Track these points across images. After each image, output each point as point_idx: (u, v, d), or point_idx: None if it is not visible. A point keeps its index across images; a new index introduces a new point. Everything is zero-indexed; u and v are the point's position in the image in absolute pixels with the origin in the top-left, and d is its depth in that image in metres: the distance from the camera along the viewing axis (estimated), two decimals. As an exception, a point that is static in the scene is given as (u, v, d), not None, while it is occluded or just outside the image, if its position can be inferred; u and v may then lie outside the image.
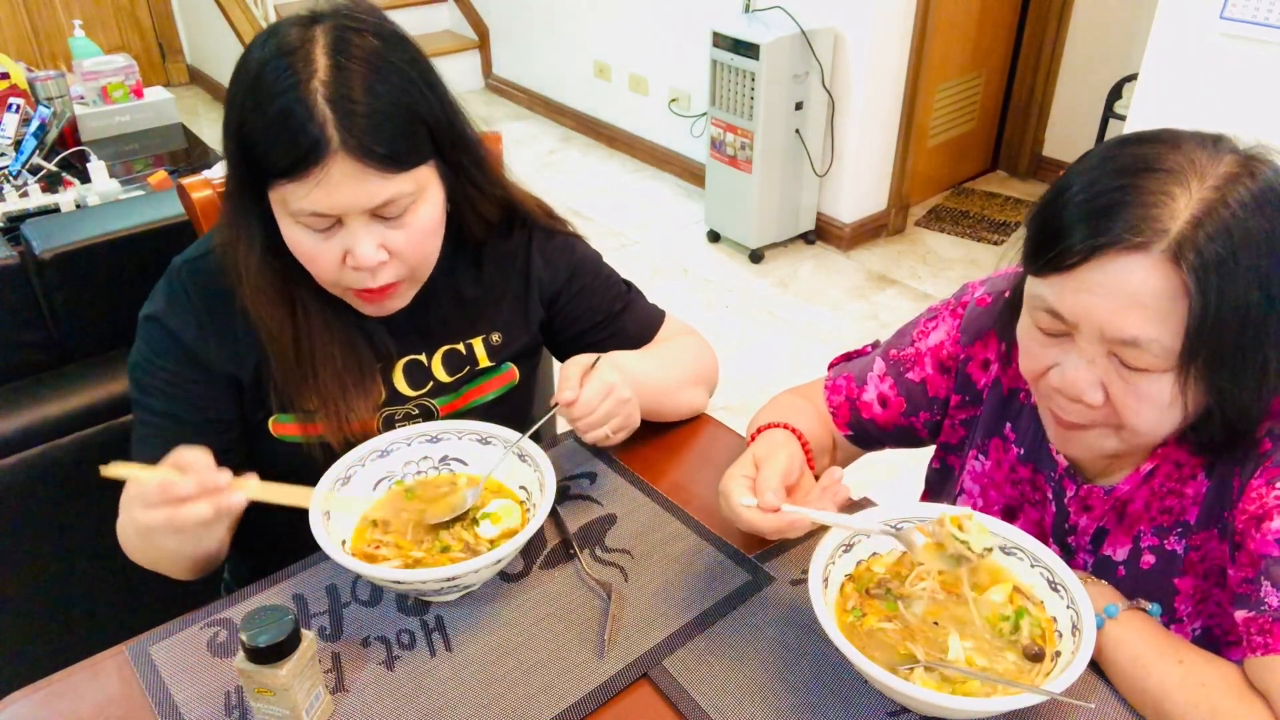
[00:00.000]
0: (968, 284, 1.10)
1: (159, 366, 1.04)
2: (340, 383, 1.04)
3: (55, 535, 1.53)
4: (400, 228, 0.96)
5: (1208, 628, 0.94)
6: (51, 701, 0.89)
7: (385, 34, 0.94)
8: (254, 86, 0.90)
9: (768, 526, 0.89)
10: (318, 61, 0.89)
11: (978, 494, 1.09)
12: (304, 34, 0.91)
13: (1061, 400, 0.85)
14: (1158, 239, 0.74)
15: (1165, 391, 0.79)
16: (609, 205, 4.19)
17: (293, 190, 0.90)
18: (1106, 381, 0.81)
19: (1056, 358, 0.84)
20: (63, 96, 2.78)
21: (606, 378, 1.02)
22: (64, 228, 1.59)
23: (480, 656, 0.91)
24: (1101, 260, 0.76)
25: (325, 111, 0.88)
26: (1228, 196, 0.74)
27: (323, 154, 0.88)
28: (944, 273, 3.63)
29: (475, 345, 1.15)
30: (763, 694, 0.87)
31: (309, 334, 1.02)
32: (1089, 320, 0.79)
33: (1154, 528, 0.93)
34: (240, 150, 0.93)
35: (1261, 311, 0.75)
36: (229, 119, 0.94)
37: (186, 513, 0.84)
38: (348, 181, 0.90)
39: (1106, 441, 0.87)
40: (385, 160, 0.90)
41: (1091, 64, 3.96)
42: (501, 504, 1.01)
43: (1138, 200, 0.75)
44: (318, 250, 0.95)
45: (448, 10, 5.51)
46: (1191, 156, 0.76)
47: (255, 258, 0.99)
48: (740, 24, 3.42)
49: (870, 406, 1.13)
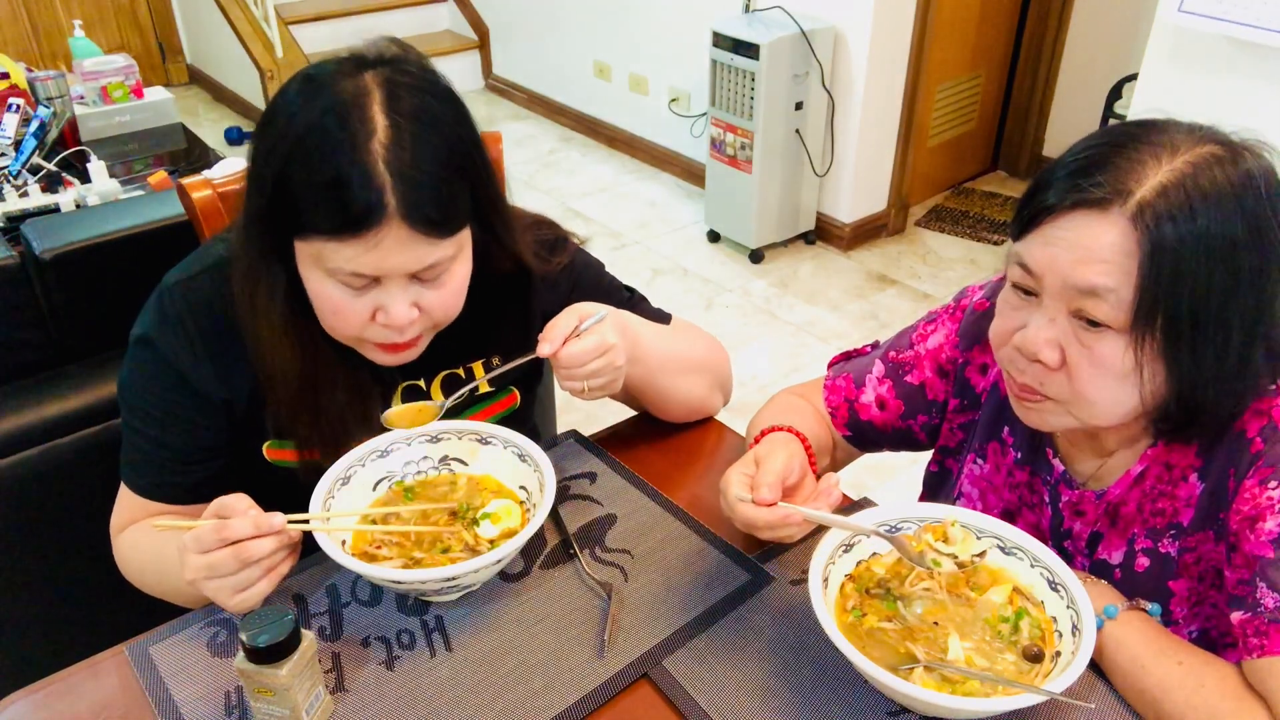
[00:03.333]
0: (967, 288, 1.10)
1: (149, 391, 1.02)
2: (342, 420, 1.03)
3: (55, 535, 1.52)
4: (436, 288, 0.94)
5: (1204, 630, 0.94)
6: (51, 701, 0.89)
7: (438, 91, 0.92)
8: (304, 140, 0.86)
9: (762, 521, 0.89)
10: (375, 121, 0.86)
11: (976, 497, 1.09)
12: (356, 85, 0.87)
13: (1021, 361, 0.87)
14: (1120, 199, 0.77)
15: (1119, 358, 0.80)
16: (609, 205, 4.19)
17: (335, 249, 0.87)
18: (1064, 343, 0.83)
19: (1024, 319, 0.86)
20: (63, 96, 2.78)
21: (607, 338, 1.00)
22: (64, 228, 1.59)
23: (480, 656, 0.91)
24: (1068, 215, 0.79)
25: (384, 177, 0.85)
26: (1199, 173, 0.77)
27: (378, 220, 0.85)
28: (944, 273, 3.63)
29: (476, 369, 1.14)
30: (763, 694, 0.87)
31: (314, 375, 1.00)
32: (1052, 271, 0.81)
33: (1147, 530, 0.93)
34: (278, 199, 0.89)
35: (1224, 292, 0.77)
36: (265, 165, 0.89)
37: (254, 546, 0.85)
38: (398, 247, 0.87)
39: (1062, 418, 0.88)
40: (437, 227, 0.89)
41: (1091, 64, 3.96)
42: (501, 504, 1.01)
43: (1112, 164, 0.79)
44: (347, 306, 0.92)
45: (448, 10, 5.51)
46: (1174, 136, 0.80)
47: (279, 307, 0.96)
48: (740, 24, 3.42)
49: (868, 408, 1.13)
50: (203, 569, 0.86)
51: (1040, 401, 0.88)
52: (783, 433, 1.00)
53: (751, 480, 0.91)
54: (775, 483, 0.90)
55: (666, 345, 1.15)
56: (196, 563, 0.86)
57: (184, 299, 1.01)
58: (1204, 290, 0.76)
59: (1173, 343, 0.79)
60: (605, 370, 1.01)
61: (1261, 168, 0.78)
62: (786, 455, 0.94)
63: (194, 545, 0.86)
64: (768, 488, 0.89)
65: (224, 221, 1.32)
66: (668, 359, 1.15)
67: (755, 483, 0.90)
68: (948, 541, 0.90)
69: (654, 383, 1.15)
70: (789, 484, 0.92)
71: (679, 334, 1.21)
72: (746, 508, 0.89)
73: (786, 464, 0.92)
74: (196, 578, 0.86)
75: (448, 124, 0.91)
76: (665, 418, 1.24)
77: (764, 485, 0.89)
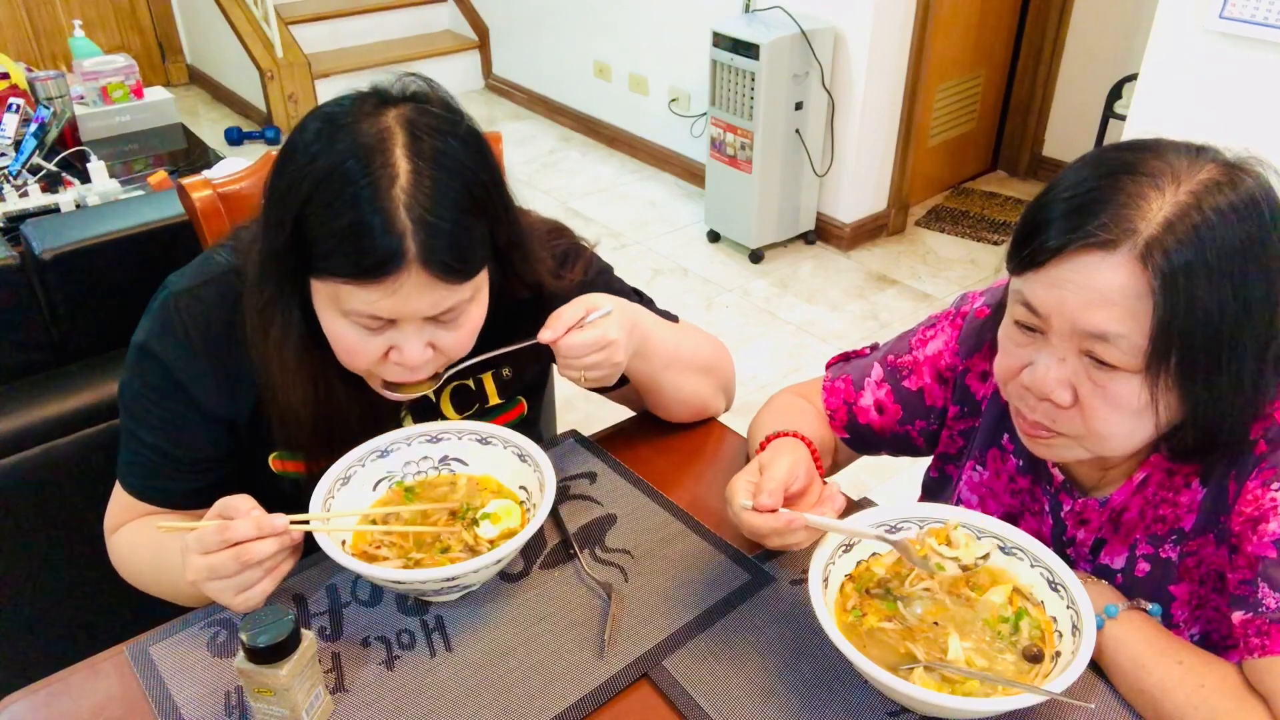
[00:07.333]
0: (967, 294, 1.10)
1: (150, 400, 1.01)
2: (354, 441, 1.02)
3: (55, 535, 1.52)
4: (452, 329, 0.94)
5: (1205, 633, 0.94)
6: (51, 701, 0.89)
7: (460, 132, 0.91)
8: (324, 183, 0.85)
9: (767, 528, 0.89)
10: (398, 165, 0.85)
11: (976, 503, 1.08)
12: (377, 125, 0.86)
13: (1031, 400, 0.86)
14: (1127, 239, 0.75)
15: (1134, 396, 0.79)
16: (609, 205, 4.19)
17: (353, 293, 0.87)
18: (1076, 382, 0.81)
19: (1030, 356, 0.84)
20: (63, 96, 2.78)
21: (608, 333, 1.00)
22: (64, 228, 1.59)
23: (480, 656, 0.91)
24: (1073, 256, 0.77)
25: (405, 223, 0.84)
26: (1203, 203, 0.75)
27: (397, 267, 0.85)
28: (944, 273, 3.63)
29: (485, 380, 1.14)
30: (763, 694, 0.87)
31: (328, 404, 1.00)
32: (1060, 314, 0.79)
33: (1149, 536, 0.93)
34: (295, 240, 0.88)
35: (1235, 320, 0.75)
36: (283, 202, 0.88)
37: (255, 547, 0.84)
38: (417, 292, 0.87)
39: (1076, 452, 0.87)
40: (456, 272, 0.88)
41: (1091, 64, 3.96)
42: (501, 504, 1.01)
43: (1113, 200, 0.76)
44: (361, 344, 0.92)
45: (448, 10, 5.50)
46: (1172, 162, 0.77)
47: (293, 342, 0.95)
48: (740, 24, 3.42)
49: (867, 412, 1.13)
50: (204, 570, 0.85)
51: (1053, 438, 0.87)
52: (787, 438, 1.00)
53: (755, 487, 0.91)
54: (777, 489, 0.89)
55: (674, 343, 1.15)
56: (198, 564, 0.86)
57: (188, 311, 1.00)
58: (1216, 322, 0.75)
59: (1188, 376, 0.77)
60: (603, 364, 1.01)
61: (1261, 188, 0.77)
62: (791, 461, 0.93)
63: (196, 546, 0.86)
64: (769, 494, 0.88)
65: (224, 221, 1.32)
66: (675, 357, 1.15)
67: (757, 489, 0.90)
68: (951, 545, 0.90)
69: (659, 379, 1.15)
70: (794, 490, 0.92)
71: (686, 334, 1.21)
72: (750, 515, 0.89)
73: (790, 470, 0.92)
74: (198, 578, 0.86)
75: (470, 167, 0.90)
76: (667, 417, 1.24)
77: (765, 492, 0.89)
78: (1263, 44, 2.37)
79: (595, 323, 1.00)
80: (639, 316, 1.08)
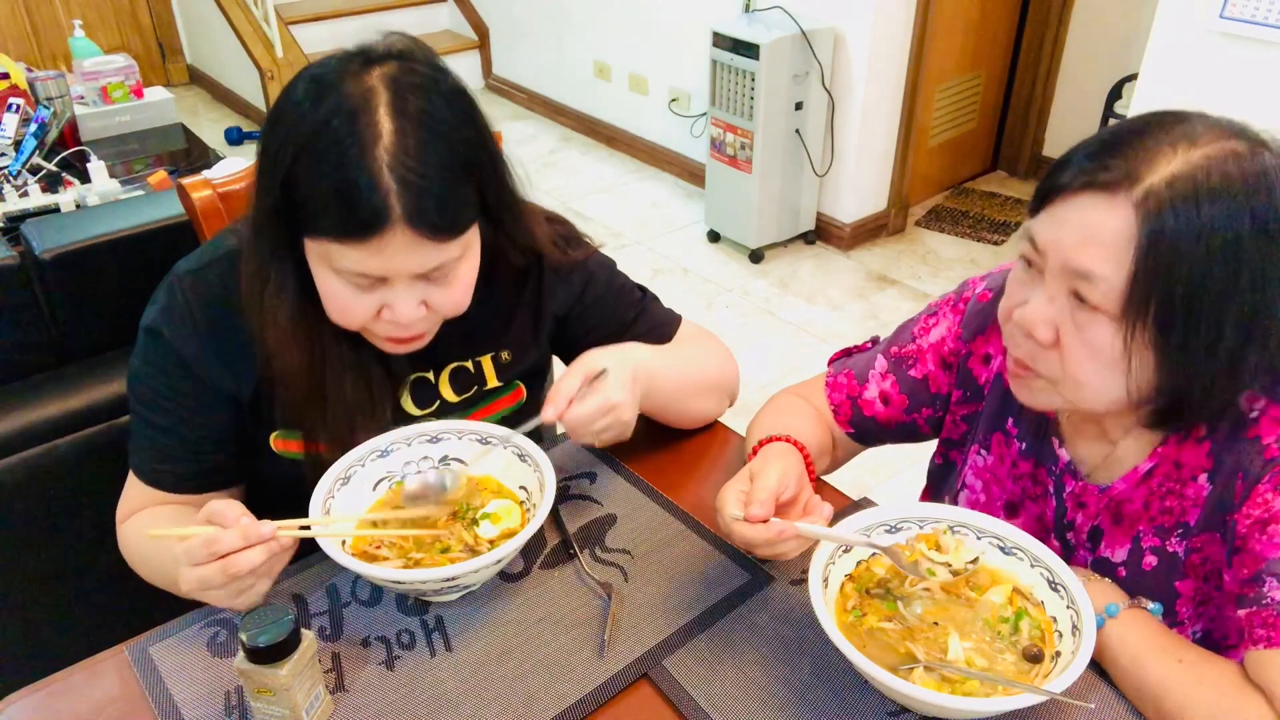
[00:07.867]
0: (968, 280, 1.10)
1: (157, 380, 1.02)
2: (349, 414, 1.03)
3: (55, 535, 1.52)
4: (444, 286, 0.95)
5: (1207, 631, 0.94)
6: (51, 701, 0.89)
7: (445, 89, 0.91)
8: (310, 143, 0.86)
9: (757, 539, 0.88)
10: (381, 125, 0.85)
11: (980, 489, 1.09)
12: (363, 86, 0.87)
13: (1019, 336, 0.87)
14: (1128, 185, 0.77)
15: (1108, 344, 0.81)
16: (609, 205, 4.19)
17: (342, 251, 0.88)
18: (1060, 322, 0.83)
19: (1026, 295, 0.86)
20: (63, 96, 2.78)
21: (612, 397, 0.99)
22: (64, 228, 1.59)
23: (480, 656, 0.91)
24: (1077, 195, 0.80)
25: (389, 183, 0.85)
26: (1213, 167, 0.76)
27: (383, 225, 0.85)
28: (944, 273, 3.63)
29: (484, 363, 1.14)
30: (763, 694, 0.87)
31: (323, 369, 1.01)
32: (1055, 251, 0.81)
33: (1154, 528, 0.93)
34: (286, 200, 0.89)
35: (1221, 289, 0.76)
36: (272, 163, 0.89)
37: (242, 559, 0.84)
38: (404, 250, 0.88)
39: (1051, 397, 0.88)
40: (442, 230, 0.89)
41: (1091, 64, 3.96)
42: (501, 504, 1.01)
43: (1128, 152, 0.78)
44: (354, 302, 0.93)
45: (448, 10, 5.51)
46: (1199, 128, 0.79)
47: (287, 303, 0.96)
48: (740, 24, 3.42)
49: (872, 404, 1.13)
50: (196, 582, 0.86)
51: (1031, 377, 0.88)
52: (780, 443, 1.00)
53: (745, 497, 0.91)
54: (768, 499, 0.89)
55: (679, 374, 1.16)
56: (189, 575, 0.86)
57: (192, 290, 1.02)
58: (1199, 285, 0.76)
59: (1163, 334, 0.78)
60: (613, 426, 1.01)
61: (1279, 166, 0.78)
62: (781, 469, 0.93)
63: (185, 559, 0.86)
64: (759, 504, 0.88)
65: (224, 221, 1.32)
66: (682, 387, 1.17)
67: (748, 499, 0.90)
68: (940, 550, 0.90)
69: (668, 408, 1.18)
70: (785, 498, 0.91)
71: (690, 350, 1.21)
72: (741, 526, 0.89)
73: (781, 478, 0.92)
74: (191, 590, 0.87)
75: (454, 125, 0.90)
76: (672, 427, 1.24)
77: (756, 502, 0.89)
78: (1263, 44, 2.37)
79: (595, 387, 1.00)
80: (639, 360, 1.06)
